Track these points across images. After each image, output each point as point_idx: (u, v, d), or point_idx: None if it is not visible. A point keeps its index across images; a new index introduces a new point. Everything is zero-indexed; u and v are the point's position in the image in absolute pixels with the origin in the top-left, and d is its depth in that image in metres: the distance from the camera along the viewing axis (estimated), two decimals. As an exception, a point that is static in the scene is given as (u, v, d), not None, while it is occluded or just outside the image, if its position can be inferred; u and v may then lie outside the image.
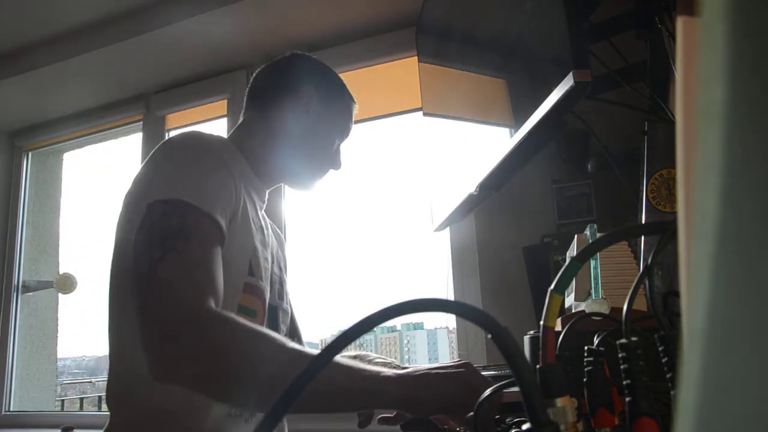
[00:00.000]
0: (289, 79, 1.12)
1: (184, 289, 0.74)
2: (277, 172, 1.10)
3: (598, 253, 0.75)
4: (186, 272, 0.75)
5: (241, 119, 1.14)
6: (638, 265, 0.92)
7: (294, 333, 1.19)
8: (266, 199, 1.12)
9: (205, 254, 0.79)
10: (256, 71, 1.17)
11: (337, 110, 1.14)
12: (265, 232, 1.04)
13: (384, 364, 0.95)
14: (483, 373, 1.12)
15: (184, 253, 0.76)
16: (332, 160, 1.15)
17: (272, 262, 1.05)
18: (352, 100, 1.18)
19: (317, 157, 1.12)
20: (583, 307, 0.82)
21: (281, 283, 1.10)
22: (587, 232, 0.84)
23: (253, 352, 0.72)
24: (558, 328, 0.45)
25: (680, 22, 0.23)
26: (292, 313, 1.17)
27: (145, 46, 1.98)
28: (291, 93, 1.10)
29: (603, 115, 1.23)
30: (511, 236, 1.60)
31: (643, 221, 0.96)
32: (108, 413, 0.91)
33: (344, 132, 1.16)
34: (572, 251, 0.98)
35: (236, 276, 0.92)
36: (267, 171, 1.08)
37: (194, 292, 0.74)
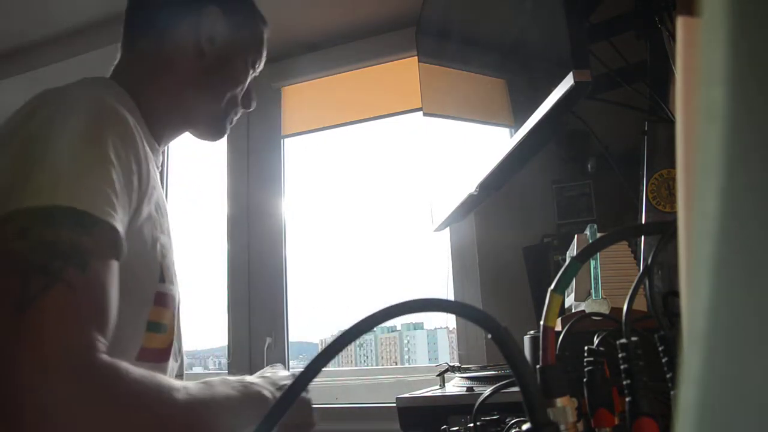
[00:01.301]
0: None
1: (71, 336, 0.55)
2: (183, 121, 0.90)
3: (598, 253, 0.75)
4: (75, 312, 0.56)
5: (125, 55, 0.88)
6: (638, 265, 0.91)
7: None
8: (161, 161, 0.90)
9: (102, 285, 0.59)
10: None
11: (249, 36, 0.93)
12: (167, 212, 0.82)
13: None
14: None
15: (75, 284, 0.56)
16: (244, 98, 0.95)
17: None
18: (263, 20, 0.96)
19: (228, 97, 0.91)
20: (583, 307, 0.82)
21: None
22: (587, 232, 0.84)
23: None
24: (558, 328, 0.45)
25: (680, 22, 0.23)
26: None
27: (145, 46, 1.98)
28: (191, 17, 0.86)
29: (603, 115, 1.22)
30: (511, 236, 1.59)
31: (643, 221, 0.96)
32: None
33: (257, 61, 0.94)
34: (572, 251, 0.98)
35: (147, 288, 0.72)
36: (168, 122, 0.87)
37: (83, 340, 0.55)
